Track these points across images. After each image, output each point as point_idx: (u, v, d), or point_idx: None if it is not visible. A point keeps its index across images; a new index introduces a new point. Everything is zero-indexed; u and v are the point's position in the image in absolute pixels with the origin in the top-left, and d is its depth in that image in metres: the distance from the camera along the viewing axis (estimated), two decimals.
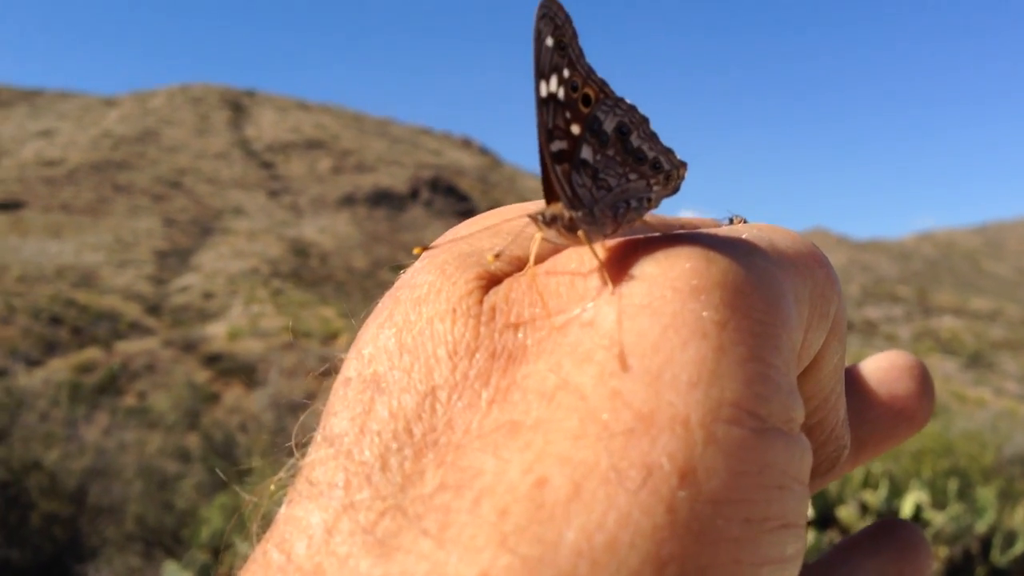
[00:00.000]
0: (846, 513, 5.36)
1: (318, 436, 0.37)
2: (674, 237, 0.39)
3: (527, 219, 0.41)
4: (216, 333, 13.85)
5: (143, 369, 12.25)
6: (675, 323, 0.34)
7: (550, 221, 0.41)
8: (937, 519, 5.35)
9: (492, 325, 0.37)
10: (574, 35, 0.42)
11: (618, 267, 0.38)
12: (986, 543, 5.35)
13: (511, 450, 0.32)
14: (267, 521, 0.37)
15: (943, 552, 5.22)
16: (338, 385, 0.39)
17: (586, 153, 0.42)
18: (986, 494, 5.91)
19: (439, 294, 0.39)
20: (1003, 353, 18.80)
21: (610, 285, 0.37)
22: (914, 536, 0.52)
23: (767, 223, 0.46)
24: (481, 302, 0.38)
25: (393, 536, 0.32)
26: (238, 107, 41.37)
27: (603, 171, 0.43)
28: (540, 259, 0.41)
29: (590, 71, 0.43)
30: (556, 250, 0.43)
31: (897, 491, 5.67)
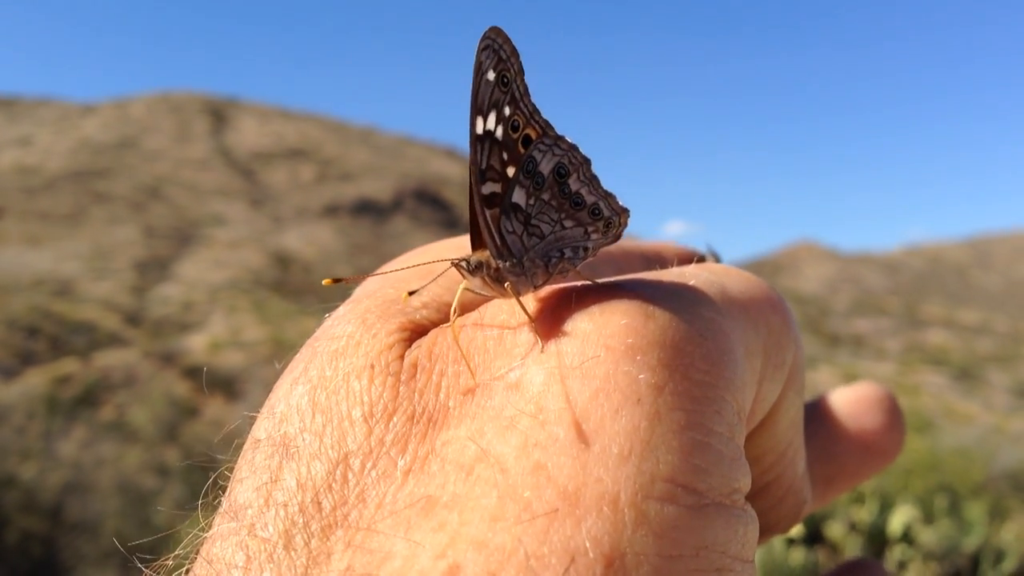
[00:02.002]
0: (835, 530, 5.34)
1: (223, 505, 0.34)
2: (612, 287, 0.36)
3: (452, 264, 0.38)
4: (197, 345, 13.72)
5: (122, 381, 12.09)
6: (607, 387, 0.31)
7: (474, 269, 0.37)
8: (926, 536, 5.34)
9: (412, 384, 0.34)
10: (520, 71, 0.39)
11: (550, 321, 0.35)
12: (975, 560, 5.34)
13: (424, 531, 0.29)
14: None
15: (932, 569, 5.21)
16: (248, 447, 0.35)
17: (518, 197, 0.39)
18: (975, 510, 5.91)
19: (357, 347, 0.36)
20: (992, 366, 18.92)
21: (540, 342, 0.34)
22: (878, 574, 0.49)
23: (721, 265, 0.43)
24: (402, 357, 0.35)
25: None
26: (219, 115, 41.11)
27: (536, 217, 0.39)
28: (470, 307, 0.39)
29: (534, 111, 0.39)
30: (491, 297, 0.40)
31: (886, 507, 5.65)
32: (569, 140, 0.40)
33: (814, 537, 5.40)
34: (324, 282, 0.40)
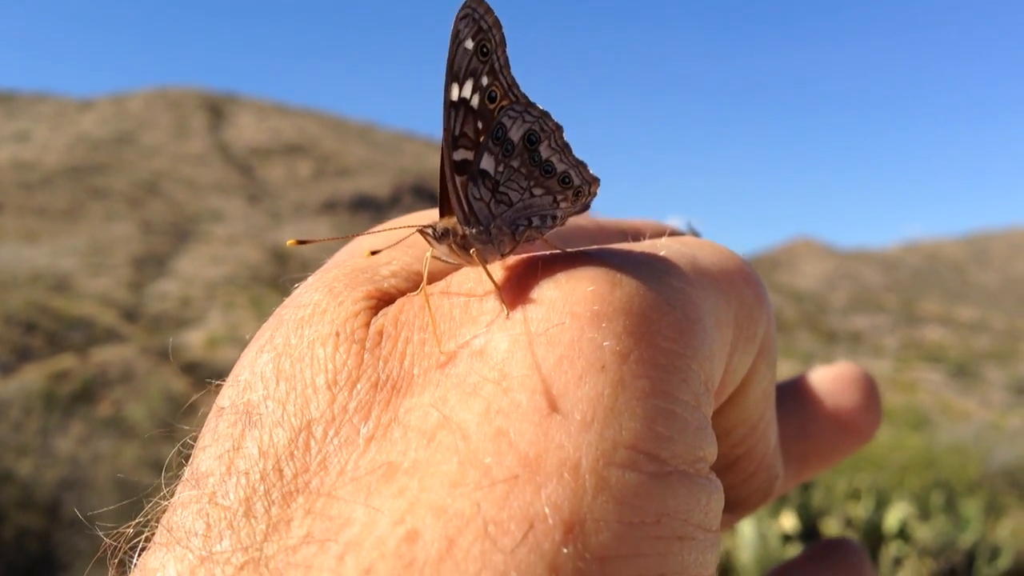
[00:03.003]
0: (831, 526, 5.35)
1: (186, 473, 0.34)
2: (580, 255, 0.35)
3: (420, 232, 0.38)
4: (194, 340, 13.72)
5: (119, 377, 12.08)
6: (571, 354, 0.31)
7: (441, 236, 0.37)
8: (922, 532, 5.35)
9: (377, 351, 0.34)
10: (501, 42, 0.38)
11: (516, 289, 0.34)
12: (971, 556, 5.34)
13: (383, 497, 0.29)
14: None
15: (928, 565, 5.21)
16: (211, 415, 0.35)
17: (487, 163, 0.38)
18: (971, 507, 5.93)
19: (323, 315, 0.35)
20: (989, 363, 18.95)
21: (505, 310, 0.33)
22: (854, 555, 0.49)
23: (696, 238, 0.43)
24: (368, 325, 0.35)
25: None
26: (217, 110, 41.07)
27: (504, 184, 0.39)
28: (440, 276, 0.38)
29: (513, 84, 0.39)
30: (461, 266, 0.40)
31: (882, 504, 5.67)
32: (540, 107, 0.40)
33: (810, 533, 5.41)
34: (288, 243, 0.40)
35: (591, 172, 0.41)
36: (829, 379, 0.50)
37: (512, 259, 0.38)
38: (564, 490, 0.28)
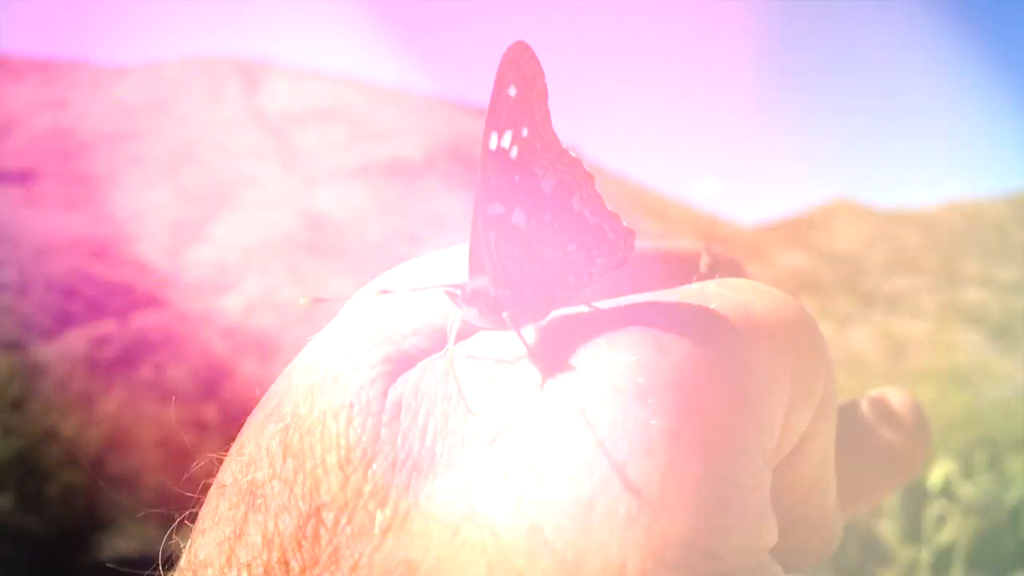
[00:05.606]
0: None
1: (183, 560, 0.30)
2: (621, 315, 0.31)
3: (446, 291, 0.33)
4: (231, 305, 14.09)
5: (159, 341, 12.46)
6: (614, 435, 0.27)
7: (471, 298, 0.32)
8: (966, 490, 5.30)
9: (395, 426, 0.29)
10: (543, 93, 0.34)
11: (551, 357, 0.30)
12: (1016, 514, 5.29)
13: None
14: None
15: (972, 523, 5.16)
16: (212, 492, 0.30)
17: (518, 218, 0.34)
18: (1016, 464, 5.86)
19: (336, 382, 0.30)
20: None
21: (539, 381, 0.29)
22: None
23: (745, 280, 0.38)
24: (385, 394, 0.29)
25: None
26: (251, 76, 41.54)
27: (537, 240, 0.35)
28: (462, 335, 0.33)
29: (554, 140, 0.35)
30: None
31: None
32: (572, 155, 0.35)
33: None
34: (300, 301, 0.34)
35: (624, 224, 0.37)
36: (875, 410, 0.45)
37: (546, 322, 0.34)
38: None
